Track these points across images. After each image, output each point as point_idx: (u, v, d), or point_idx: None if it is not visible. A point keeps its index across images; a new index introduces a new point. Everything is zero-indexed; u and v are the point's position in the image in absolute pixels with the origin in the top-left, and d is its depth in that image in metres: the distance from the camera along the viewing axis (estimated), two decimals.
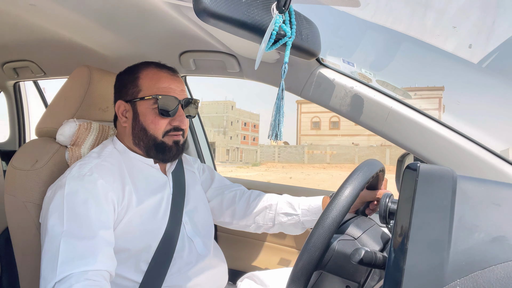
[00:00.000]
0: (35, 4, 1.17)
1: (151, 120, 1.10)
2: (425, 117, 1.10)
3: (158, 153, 1.13)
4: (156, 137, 1.11)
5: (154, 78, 1.12)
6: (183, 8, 1.05)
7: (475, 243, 0.49)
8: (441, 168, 0.57)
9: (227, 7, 0.69)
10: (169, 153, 1.13)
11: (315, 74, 1.21)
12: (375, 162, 0.92)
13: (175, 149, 1.14)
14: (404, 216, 0.54)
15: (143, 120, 1.11)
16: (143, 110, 1.11)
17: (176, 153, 1.15)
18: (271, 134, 0.87)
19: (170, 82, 1.12)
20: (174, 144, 1.13)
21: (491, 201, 0.53)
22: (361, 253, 0.68)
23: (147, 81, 1.12)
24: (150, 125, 1.10)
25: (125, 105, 1.14)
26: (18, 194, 1.13)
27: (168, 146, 1.12)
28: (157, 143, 1.11)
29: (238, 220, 1.34)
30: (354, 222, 0.89)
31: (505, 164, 1.02)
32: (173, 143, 1.13)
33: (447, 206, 0.52)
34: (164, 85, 1.11)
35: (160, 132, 1.11)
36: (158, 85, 1.10)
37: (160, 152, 1.12)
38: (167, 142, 1.12)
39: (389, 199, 0.85)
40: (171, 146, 1.13)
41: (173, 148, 1.13)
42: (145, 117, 1.10)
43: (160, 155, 1.13)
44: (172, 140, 1.13)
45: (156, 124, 1.10)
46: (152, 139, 1.11)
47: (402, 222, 0.54)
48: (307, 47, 0.94)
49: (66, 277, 0.85)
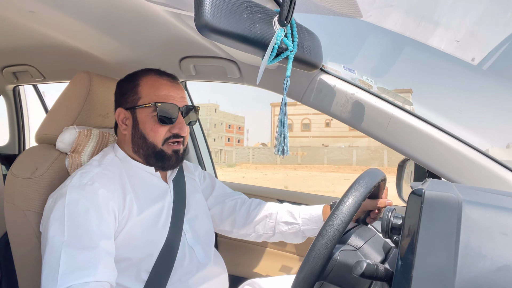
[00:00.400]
0: (34, 11, 1.17)
1: (150, 128, 1.09)
2: (427, 124, 1.09)
3: (157, 161, 1.12)
4: (156, 145, 1.11)
5: (154, 85, 1.11)
6: (184, 16, 1.05)
7: (481, 271, 0.49)
8: (446, 194, 0.56)
9: (228, 22, 0.69)
10: (168, 162, 1.13)
11: (316, 80, 1.20)
12: (377, 171, 0.91)
13: (174, 158, 1.13)
14: (409, 243, 0.53)
15: (142, 127, 1.10)
16: (142, 118, 1.10)
17: (175, 162, 1.14)
18: (277, 149, 0.86)
19: (169, 90, 1.11)
20: (174, 153, 1.13)
21: (497, 229, 0.52)
22: (363, 266, 0.67)
23: (146, 89, 1.11)
24: (150, 133, 1.10)
25: (125, 112, 1.14)
26: (17, 202, 1.12)
27: (168, 155, 1.12)
28: (156, 151, 1.11)
29: (238, 229, 1.33)
30: (355, 232, 0.89)
31: (506, 171, 1.01)
32: (172, 152, 1.13)
33: (453, 233, 0.52)
34: (163, 93, 1.10)
35: (159, 140, 1.10)
36: (157, 92, 1.10)
37: (159, 160, 1.12)
38: (166, 150, 1.12)
39: (392, 213, 0.85)
40: (170, 155, 1.12)
41: (172, 157, 1.13)
42: (145, 124, 1.10)
43: (160, 163, 1.13)
44: (172, 149, 1.12)
45: (156, 132, 1.09)
46: (151, 147, 1.11)
47: (406, 249, 0.53)
48: (308, 59, 0.94)
49: None
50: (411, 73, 4.36)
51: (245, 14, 0.71)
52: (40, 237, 1.09)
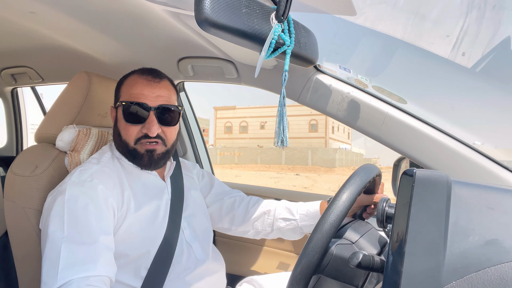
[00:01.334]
0: (35, 12, 1.18)
1: (123, 127, 1.11)
2: (421, 122, 1.11)
3: (131, 159, 1.13)
4: (128, 143, 1.10)
5: (130, 84, 1.12)
6: (182, 15, 1.06)
7: (470, 246, 0.51)
8: (436, 174, 0.59)
9: (228, 17, 0.71)
10: (140, 161, 1.11)
11: (312, 80, 1.22)
12: (372, 167, 0.93)
13: (147, 158, 1.11)
14: (401, 221, 0.55)
15: (119, 125, 1.13)
16: (119, 116, 1.13)
17: (149, 162, 1.11)
18: (277, 141, 0.88)
19: (143, 88, 1.09)
20: (147, 153, 1.10)
21: (484, 205, 0.55)
22: (359, 256, 0.69)
23: (124, 88, 1.13)
24: (122, 131, 1.11)
25: (113, 110, 1.18)
26: (17, 200, 1.13)
27: (140, 154, 1.10)
28: (129, 149, 1.11)
29: (237, 226, 1.34)
30: (351, 227, 0.90)
31: (499, 168, 1.04)
32: (145, 152, 1.10)
33: (442, 210, 0.55)
34: (135, 91, 1.09)
35: (131, 139, 1.10)
36: (131, 91, 1.10)
37: (133, 158, 1.12)
38: (139, 149, 1.10)
39: (386, 203, 0.86)
40: (142, 154, 1.10)
41: (144, 156, 1.10)
42: (119, 123, 1.12)
43: (134, 161, 1.13)
44: (145, 148, 1.10)
45: (127, 131, 1.10)
46: (124, 145, 1.11)
47: (399, 226, 0.56)
48: (305, 55, 0.96)
49: (67, 283, 0.85)
50: (406, 71, 4.37)
51: (243, 9, 0.74)
52: (40, 234, 1.10)
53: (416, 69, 2.28)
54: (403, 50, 1.26)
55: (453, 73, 1.26)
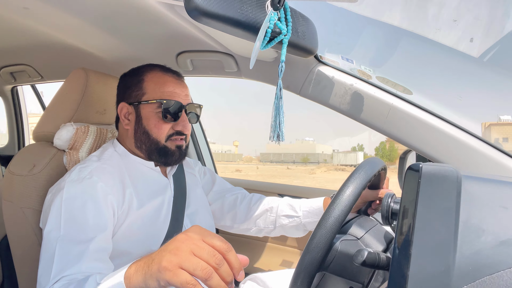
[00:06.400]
0: (28, 7, 1.16)
1: (154, 124, 1.09)
2: (427, 113, 1.08)
3: (160, 157, 1.12)
4: (159, 141, 1.11)
5: (159, 81, 1.11)
6: (178, 7, 1.03)
7: (482, 247, 0.47)
8: (444, 168, 0.54)
9: (219, 5, 0.67)
10: (172, 157, 1.13)
11: (314, 72, 1.19)
12: (377, 160, 0.90)
13: (178, 153, 1.13)
14: (407, 220, 0.51)
15: (146, 123, 1.10)
16: (146, 114, 1.10)
17: (178, 157, 1.14)
18: (272, 135, 0.85)
19: (175, 87, 1.12)
20: (177, 149, 1.13)
21: (498, 203, 0.51)
22: (364, 254, 0.66)
23: (152, 84, 1.11)
24: (153, 129, 1.10)
25: (128, 107, 1.13)
26: (15, 200, 1.12)
27: (171, 151, 1.12)
28: (159, 147, 1.11)
29: (239, 223, 1.32)
30: (356, 222, 0.87)
31: (508, 159, 1.00)
32: (176, 148, 1.13)
33: (452, 208, 0.50)
34: (169, 89, 1.10)
35: (163, 136, 1.10)
36: (163, 89, 1.10)
37: (163, 156, 1.12)
38: (169, 146, 1.12)
39: (391, 199, 0.83)
40: (174, 151, 1.12)
41: (176, 152, 1.13)
42: (149, 120, 1.10)
43: (163, 158, 1.12)
44: (175, 144, 1.13)
45: (159, 128, 1.10)
46: (154, 143, 1.10)
47: (404, 226, 0.52)
48: (303, 44, 0.92)
49: (58, 281, 0.84)
50: (411, 61, 4.26)
51: None
52: (38, 234, 1.08)
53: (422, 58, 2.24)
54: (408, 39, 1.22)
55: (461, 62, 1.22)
